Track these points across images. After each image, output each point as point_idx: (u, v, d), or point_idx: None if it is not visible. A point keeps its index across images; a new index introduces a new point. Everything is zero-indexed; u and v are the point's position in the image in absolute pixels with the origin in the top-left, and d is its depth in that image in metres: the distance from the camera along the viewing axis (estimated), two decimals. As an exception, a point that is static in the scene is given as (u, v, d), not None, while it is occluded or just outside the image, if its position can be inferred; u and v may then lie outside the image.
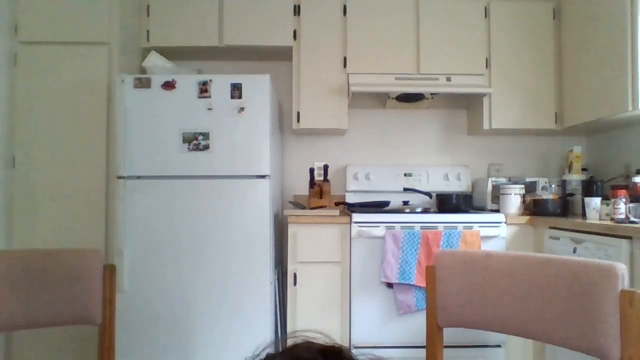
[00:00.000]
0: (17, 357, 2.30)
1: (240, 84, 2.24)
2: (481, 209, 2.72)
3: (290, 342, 0.48)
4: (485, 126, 2.71)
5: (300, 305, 2.32)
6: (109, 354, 1.26)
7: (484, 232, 2.28)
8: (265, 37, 2.67)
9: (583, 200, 2.28)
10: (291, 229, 2.34)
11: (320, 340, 0.48)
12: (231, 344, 2.19)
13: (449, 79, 2.65)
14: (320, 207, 2.63)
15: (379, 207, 2.54)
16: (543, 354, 2.21)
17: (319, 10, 2.69)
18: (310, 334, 0.49)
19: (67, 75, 2.36)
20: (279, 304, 2.52)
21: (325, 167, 2.78)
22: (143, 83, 2.24)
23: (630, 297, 0.87)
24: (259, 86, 2.25)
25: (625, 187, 2.06)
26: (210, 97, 2.23)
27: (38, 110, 2.35)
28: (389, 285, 2.26)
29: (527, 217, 2.36)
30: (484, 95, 2.69)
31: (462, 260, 1.15)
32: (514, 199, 2.50)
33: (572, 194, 2.59)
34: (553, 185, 2.70)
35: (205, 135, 2.23)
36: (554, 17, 2.71)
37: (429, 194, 2.77)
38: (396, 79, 2.65)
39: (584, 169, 2.67)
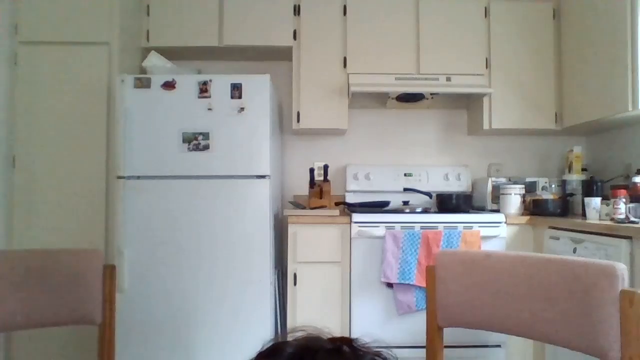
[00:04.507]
0: (17, 357, 2.30)
1: (240, 84, 2.24)
2: (481, 209, 2.72)
3: (290, 337, 0.48)
4: (485, 126, 2.71)
5: (300, 306, 2.32)
6: (109, 354, 1.26)
7: (484, 232, 2.28)
8: (265, 37, 2.67)
9: (583, 200, 2.27)
10: (291, 229, 2.34)
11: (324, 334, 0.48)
12: (231, 343, 2.19)
13: (449, 79, 2.65)
14: (320, 207, 2.63)
15: (379, 207, 2.54)
16: (543, 354, 2.21)
17: (319, 10, 2.69)
18: (310, 329, 0.49)
19: (67, 75, 2.36)
20: (279, 304, 2.52)
21: (325, 167, 2.78)
22: (143, 83, 2.24)
23: (630, 297, 0.87)
24: (259, 86, 2.25)
25: (625, 187, 2.06)
26: (210, 97, 2.23)
27: (38, 110, 2.35)
28: (389, 285, 2.26)
29: (527, 217, 2.36)
30: (484, 95, 2.69)
31: (462, 260, 1.15)
32: (514, 199, 2.50)
33: (572, 194, 2.59)
34: (553, 185, 2.70)
35: (205, 135, 2.23)
36: (554, 17, 2.71)
37: (429, 194, 2.77)
38: (396, 79, 2.65)
39: (584, 169, 2.66)
